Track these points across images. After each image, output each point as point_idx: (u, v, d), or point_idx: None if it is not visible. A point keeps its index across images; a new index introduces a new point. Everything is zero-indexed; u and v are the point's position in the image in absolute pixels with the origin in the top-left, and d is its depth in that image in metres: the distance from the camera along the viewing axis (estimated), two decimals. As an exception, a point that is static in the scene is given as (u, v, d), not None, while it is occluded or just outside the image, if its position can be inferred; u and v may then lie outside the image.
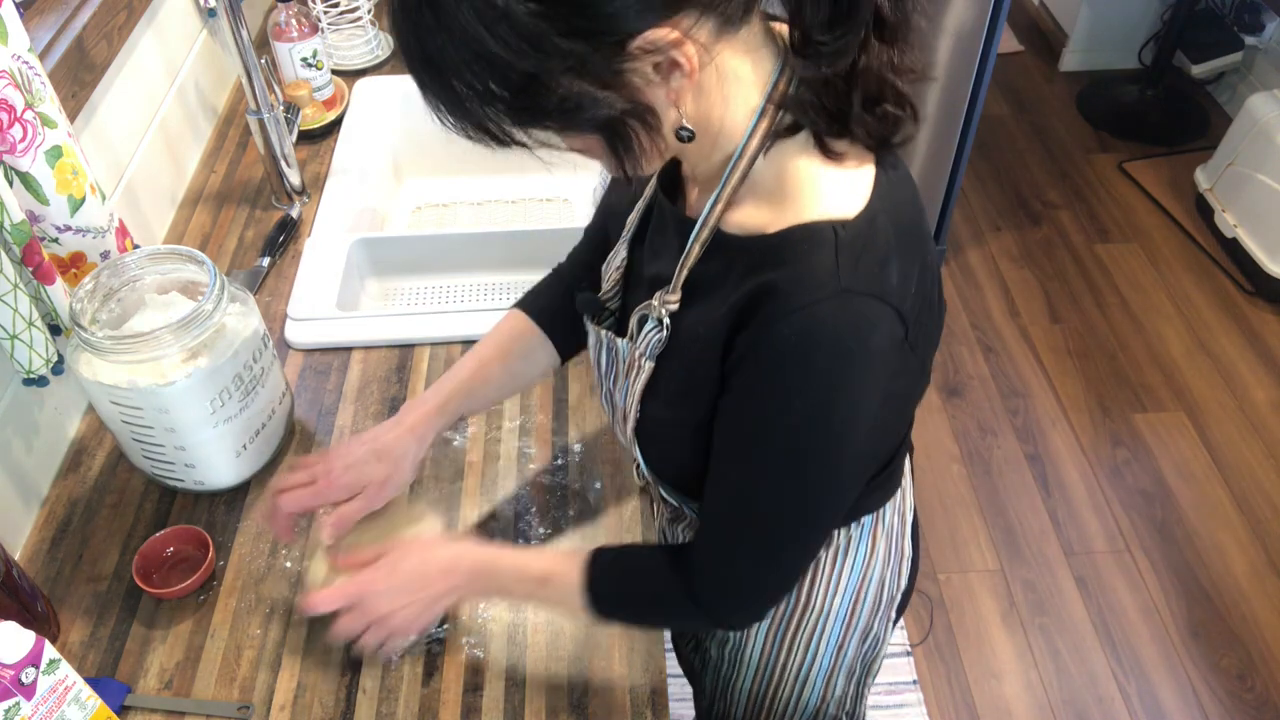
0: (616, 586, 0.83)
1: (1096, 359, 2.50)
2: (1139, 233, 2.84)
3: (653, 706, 0.89)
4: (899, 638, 1.96)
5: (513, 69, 0.58)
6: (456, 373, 0.97)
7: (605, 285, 0.88)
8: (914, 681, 1.89)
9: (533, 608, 0.97)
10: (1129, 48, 3.35)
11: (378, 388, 1.18)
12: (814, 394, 0.66)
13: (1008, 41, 3.59)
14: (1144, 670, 1.91)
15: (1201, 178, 2.83)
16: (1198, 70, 3.18)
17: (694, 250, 0.72)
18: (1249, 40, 3.06)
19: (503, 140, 0.64)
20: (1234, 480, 2.22)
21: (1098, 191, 2.98)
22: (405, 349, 1.23)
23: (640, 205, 0.85)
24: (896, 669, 1.90)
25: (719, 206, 0.70)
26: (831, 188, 0.67)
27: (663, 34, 0.58)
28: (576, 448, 1.11)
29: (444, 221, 1.60)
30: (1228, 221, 2.69)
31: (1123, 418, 2.36)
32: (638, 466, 0.99)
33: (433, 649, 0.94)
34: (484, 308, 1.27)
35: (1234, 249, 2.68)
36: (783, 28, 0.66)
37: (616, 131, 0.64)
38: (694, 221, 0.72)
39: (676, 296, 0.74)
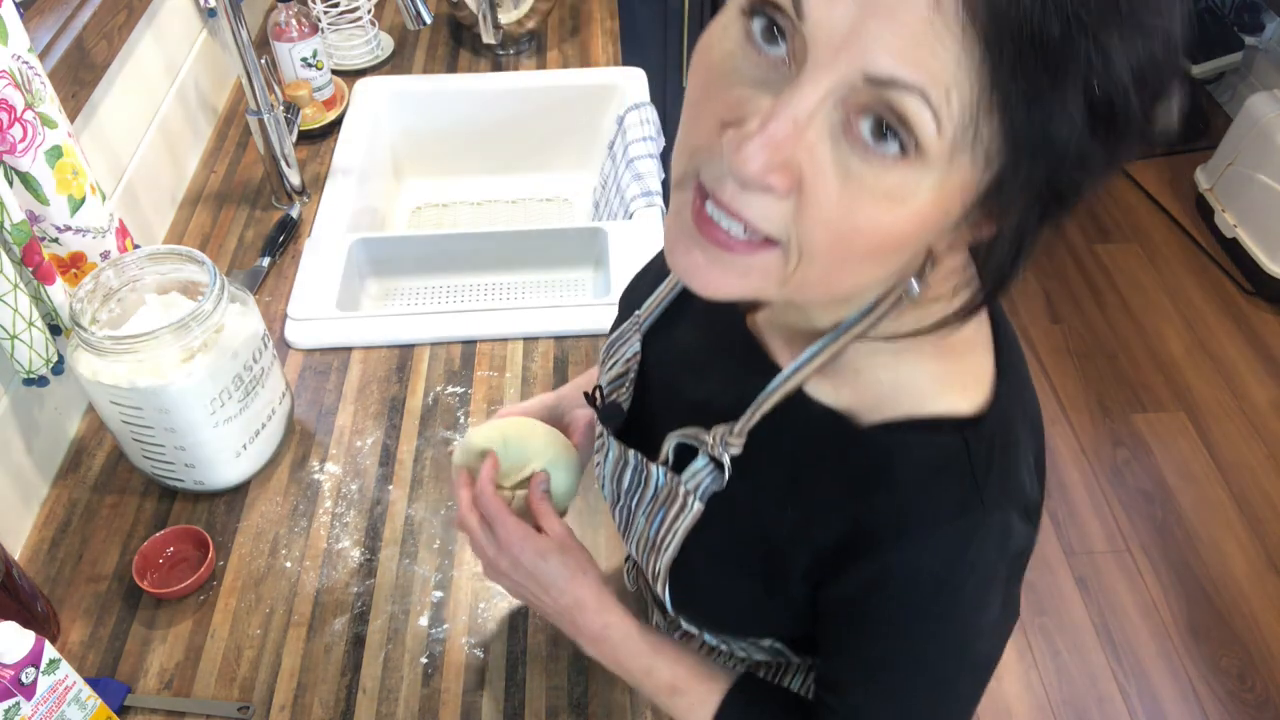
0: None
1: (1096, 359, 2.50)
2: (1139, 233, 2.84)
3: (653, 706, 0.89)
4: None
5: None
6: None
7: (610, 374, 0.78)
8: (914, 681, 1.89)
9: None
10: (1129, 48, 3.35)
11: (378, 388, 1.18)
12: (964, 613, 0.60)
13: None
14: (1144, 670, 1.91)
15: (1201, 178, 2.83)
16: (1198, 70, 3.17)
17: (763, 406, 0.63)
18: (1249, 40, 3.06)
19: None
20: (1234, 480, 2.22)
21: (1098, 191, 2.98)
22: (405, 349, 1.23)
23: (665, 292, 0.75)
24: (896, 669, 1.90)
25: (806, 370, 0.60)
26: (945, 370, 0.58)
27: None
28: (576, 448, 1.11)
29: (444, 221, 1.60)
30: (1228, 221, 2.69)
31: (1123, 418, 2.36)
32: (644, 585, 0.92)
33: (433, 649, 0.94)
34: (484, 308, 1.27)
35: (1234, 249, 2.68)
36: None
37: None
38: (763, 353, 0.64)
39: (741, 441, 0.64)
